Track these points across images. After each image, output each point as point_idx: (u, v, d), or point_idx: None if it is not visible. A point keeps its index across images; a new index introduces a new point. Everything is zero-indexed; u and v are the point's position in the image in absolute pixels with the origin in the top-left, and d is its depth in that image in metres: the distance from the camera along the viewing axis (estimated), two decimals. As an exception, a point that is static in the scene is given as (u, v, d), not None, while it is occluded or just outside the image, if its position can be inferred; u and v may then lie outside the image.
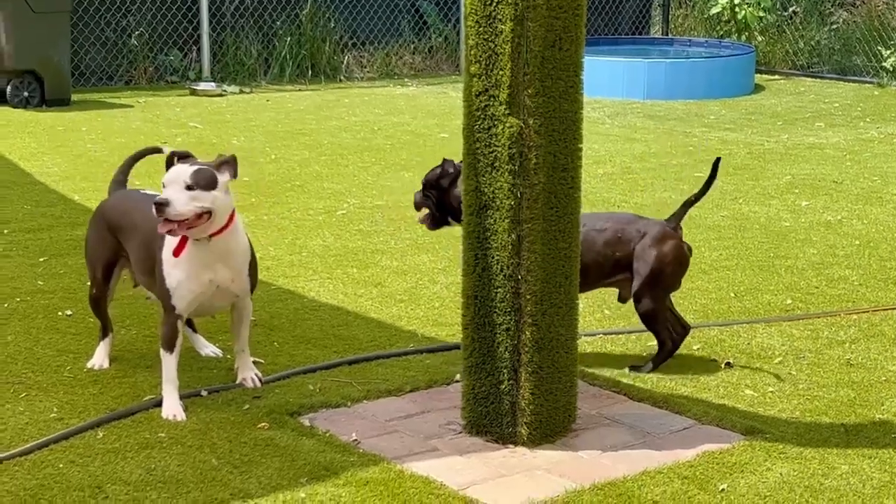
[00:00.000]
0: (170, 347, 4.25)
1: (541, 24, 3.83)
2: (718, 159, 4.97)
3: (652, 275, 4.71)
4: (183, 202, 4.04)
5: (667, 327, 4.81)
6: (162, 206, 4.03)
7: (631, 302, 4.79)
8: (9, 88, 10.70)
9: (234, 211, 4.25)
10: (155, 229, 4.17)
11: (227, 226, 4.20)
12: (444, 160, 4.78)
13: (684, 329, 4.87)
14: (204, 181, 4.09)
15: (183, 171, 4.11)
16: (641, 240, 4.75)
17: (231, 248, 4.26)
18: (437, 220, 4.83)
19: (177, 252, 4.17)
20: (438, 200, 4.78)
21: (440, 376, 4.64)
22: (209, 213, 4.11)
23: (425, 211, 4.83)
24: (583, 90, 4.01)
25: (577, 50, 3.96)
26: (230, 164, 4.22)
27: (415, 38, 14.20)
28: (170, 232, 4.08)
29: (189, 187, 4.06)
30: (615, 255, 4.74)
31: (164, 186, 4.11)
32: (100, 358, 4.65)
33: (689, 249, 4.91)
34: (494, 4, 3.84)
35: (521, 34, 3.84)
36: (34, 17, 10.64)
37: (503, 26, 3.84)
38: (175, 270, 4.20)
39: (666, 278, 4.76)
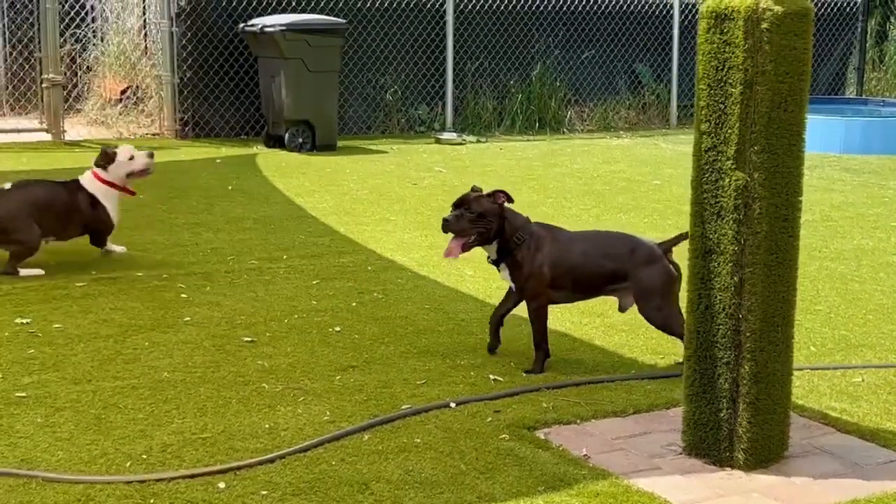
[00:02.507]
0: None
1: (768, 87, 3.68)
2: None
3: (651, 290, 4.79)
4: None
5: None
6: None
7: None
8: (287, 135, 11.07)
9: None
10: None
11: None
12: (497, 192, 4.83)
13: None
14: None
15: None
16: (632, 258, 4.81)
17: None
18: (472, 245, 4.78)
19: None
20: (493, 227, 4.75)
21: (660, 401, 4.50)
22: None
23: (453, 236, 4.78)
24: (804, 147, 3.83)
25: (800, 111, 3.78)
26: None
27: (630, 95, 14.04)
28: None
29: None
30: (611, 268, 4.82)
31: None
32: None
33: (678, 269, 4.79)
34: (726, 70, 3.71)
35: (749, 97, 3.69)
36: (309, 76, 10.99)
37: (733, 90, 3.70)
38: None
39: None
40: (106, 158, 6.41)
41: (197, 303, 5.70)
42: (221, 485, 3.60)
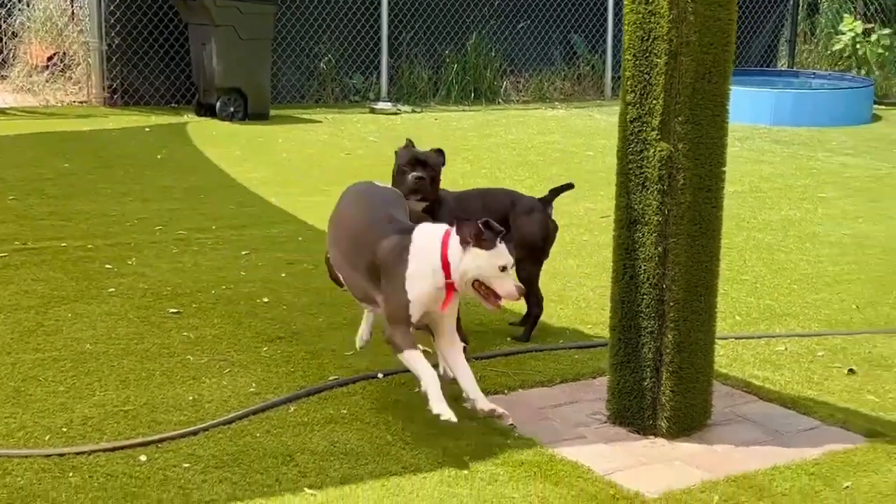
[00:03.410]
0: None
1: (693, 58, 3.70)
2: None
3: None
4: None
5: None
6: None
7: None
8: (218, 104, 10.93)
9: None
10: None
11: None
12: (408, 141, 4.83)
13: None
14: None
15: None
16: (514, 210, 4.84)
17: None
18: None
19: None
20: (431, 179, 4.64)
21: (587, 370, 4.54)
22: None
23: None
24: (728, 118, 3.87)
25: (724, 82, 3.81)
26: None
27: (565, 66, 14.05)
28: None
29: None
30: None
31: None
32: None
33: (555, 224, 4.95)
34: (651, 41, 3.72)
35: (674, 67, 3.71)
36: (241, 43, 10.84)
37: (658, 60, 3.71)
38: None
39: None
40: (471, 234, 3.71)
41: (122, 273, 5.62)
42: (143, 457, 3.57)
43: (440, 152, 4.80)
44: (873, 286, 5.91)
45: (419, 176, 4.58)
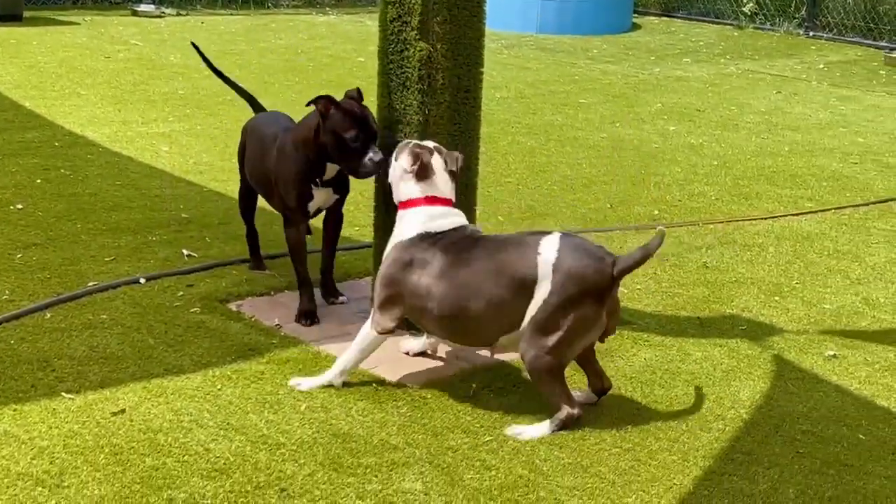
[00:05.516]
0: None
1: (450, -42, 3.74)
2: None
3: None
4: None
5: None
6: None
7: None
8: (-36, 3, 10.25)
9: None
10: None
11: None
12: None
13: None
14: None
15: None
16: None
17: None
18: None
19: None
20: None
21: (354, 270, 4.60)
22: None
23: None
24: (485, 20, 3.94)
25: (481, -17, 3.88)
26: None
27: (335, -29, 13.87)
28: None
29: None
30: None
31: None
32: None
33: None
34: (409, -61, 3.73)
35: (432, -33, 3.74)
36: (-12, -62, 10.17)
37: (416, -40, 3.74)
38: None
39: None
40: None
41: None
42: None
43: (360, 94, 4.06)
44: (626, 186, 6.23)
45: (383, 160, 3.81)
